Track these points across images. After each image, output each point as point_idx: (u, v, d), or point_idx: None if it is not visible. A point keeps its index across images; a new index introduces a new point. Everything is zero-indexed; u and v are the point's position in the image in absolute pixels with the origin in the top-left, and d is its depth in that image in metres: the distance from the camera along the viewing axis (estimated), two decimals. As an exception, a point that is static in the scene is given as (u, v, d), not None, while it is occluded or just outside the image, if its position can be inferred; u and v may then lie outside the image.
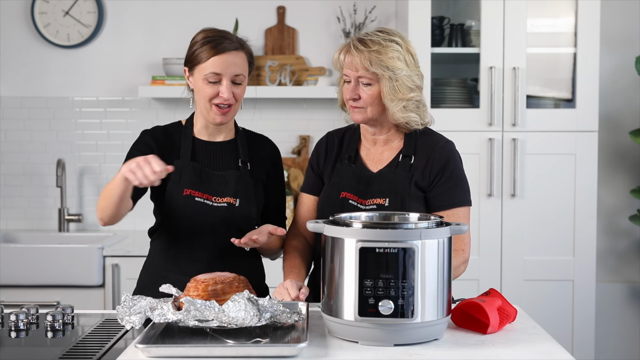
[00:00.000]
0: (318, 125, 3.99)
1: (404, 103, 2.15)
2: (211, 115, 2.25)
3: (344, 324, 1.77)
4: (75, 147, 4.03)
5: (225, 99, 2.21)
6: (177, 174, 2.26)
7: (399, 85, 2.13)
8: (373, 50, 2.12)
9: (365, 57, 2.12)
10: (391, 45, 2.13)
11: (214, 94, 2.22)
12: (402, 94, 2.14)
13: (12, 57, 4.02)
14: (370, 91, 2.15)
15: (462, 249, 2.18)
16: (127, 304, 1.86)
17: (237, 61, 2.23)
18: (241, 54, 2.25)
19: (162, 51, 4.00)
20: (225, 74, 2.21)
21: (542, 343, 1.81)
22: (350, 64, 2.15)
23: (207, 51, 2.21)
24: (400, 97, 2.14)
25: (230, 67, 2.21)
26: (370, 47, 2.12)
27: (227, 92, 2.21)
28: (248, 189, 2.28)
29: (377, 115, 2.19)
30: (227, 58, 2.21)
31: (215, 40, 2.22)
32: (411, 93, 2.15)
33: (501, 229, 3.52)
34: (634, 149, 3.97)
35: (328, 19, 4.00)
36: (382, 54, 2.11)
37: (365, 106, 2.17)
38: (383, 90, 2.14)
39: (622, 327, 4.00)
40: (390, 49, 2.12)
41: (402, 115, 2.17)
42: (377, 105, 2.17)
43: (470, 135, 3.51)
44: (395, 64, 2.12)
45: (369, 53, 2.12)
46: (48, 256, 3.45)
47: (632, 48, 3.93)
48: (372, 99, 2.16)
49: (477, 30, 3.59)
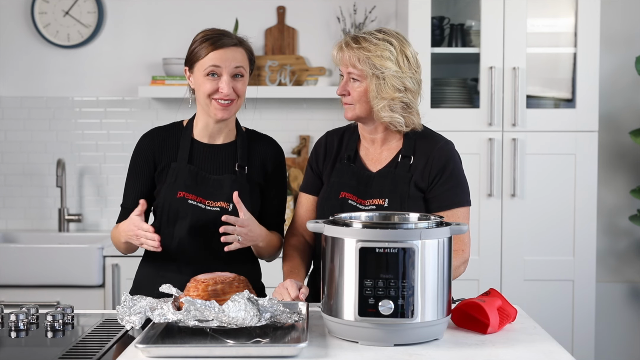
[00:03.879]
0: (318, 125, 3.99)
1: (388, 102, 2.15)
2: (212, 110, 2.25)
3: (344, 324, 1.77)
4: (75, 147, 4.03)
5: (225, 94, 2.21)
6: (173, 176, 2.27)
7: (384, 84, 2.14)
8: (362, 48, 2.14)
9: (354, 54, 2.14)
10: (383, 44, 2.14)
11: (214, 89, 2.22)
12: (387, 93, 2.14)
13: (12, 57, 4.02)
14: (359, 88, 2.17)
15: (462, 249, 2.18)
16: (127, 304, 1.86)
17: (237, 56, 2.23)
18: (240, 49, 2.25)
19: (162, 51, 4.00)
20: (225, 68, 2.21)
21: (542, 343, 1.81)
22: (341, 60, 2.19)
23: (205, 47, 2.22)
24: (383, 96, 2.15)
25: (229, 61, 2.21)
26: (361, 44, 2.14)
27: (227, 87, 2.21)
28: (243, 193, 2.26)
29: (365, 113, 2.20)
30: (226, 52, 2.22)
31: (214, 37, 2.23)
32: (397, 94, 2.14)
33: (501, 229, 3.53)
34: (634, 149, 3.97)
35: (328, 19, 4.01)
36: (370, 52, 2.13)
37: (353, 103, 2.19)
38: (369, 87, 2.15)
39: (622, 327, 4.00)
40: (380, 47, 2.13)
41: (386, 115, 2.17)
42: (365, 103, 2.18)
43: (470, 135, 3.51)
44: (383, 63, 2.12)
45: (357, 50, 2.14)
46: (48, 256, 3.45)
47: (632, 48, 3.93)
48: (360, 95, 2.17)
49: (477, 30, 3.59)
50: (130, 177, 2.33)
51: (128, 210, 2.30)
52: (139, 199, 2.25)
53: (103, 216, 4.04)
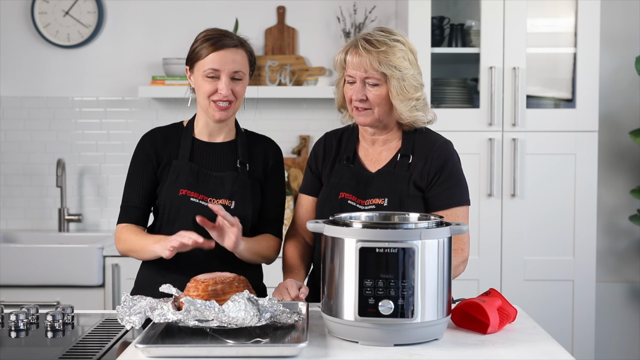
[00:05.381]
0: (318, 125, 3.99)
1: (413, 103, 2.16)
2: (210, 111, 2.25)
3: (344, 324, 1.77)
4: (75, 147, 4.03)
5: (223, 96, 2.22)
6: (174, 173, 2.27)
7: (407, 85, 2.14)
8: (381, 51, 2.11)
9: (374, 58, 2.11)
10: (397, 45, 2.14)
11: (213, 91, 2.22)
12: (411, 93, 2.15)
13: (12, 57, 4.02)
14: (378, 92, 2.15)
15: (462, 249, 2.18)
16: (127, 304, 1.86)
17: (236, 58, 2.23)
18: (241, 51, 2.25)
19: (162, 51, 4.00)
20: (224, 70, 2.21)
21: (542, 343, 1.82)
22: (358, 65, 2.14)
23: (206, 48, 2.22)
24: (409, 97, 2.15)
25: (228, 64, 2.22)
26: (378, 47, 2.12)
27: (225, 89, 2.21)
28: (245, 190, 2.28)
29: (383, 116, 2.19)
30: (226, 54, 2.22)
31: (215, 38, 2.23)
32: (418, 92, 2.17)
33: (501, 229, 3.52)
34: (634, 149, 3.97)
35: (328, 19, 4.01)
36: (389, 54, 2.12)
37: (372, 107, 2.17)
38: (392, 90, 2.14)
39: (622, 327, 4.00)
40: (396, 49, 2.13)
41: (410, 115, 2.18)
42: (385, 106, 2.17)
43: (470, 135, 3.51)
44: (402, 64, 2.13)
45: (377, 53, 2.11)
46: (48, 256, 3.45)
47: (632, 48, 3.93)
48: (380, 99, 2.16)
49: (477, 30, 3.59)
50: (132, 175, 2.33)
51: (132, 208, 2.30)
52: (142, 196, 2.28)
53: (103, 216, 4.04)
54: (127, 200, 2.32)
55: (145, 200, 2.30)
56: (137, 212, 2.30)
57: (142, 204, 2.30)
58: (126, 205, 2.32)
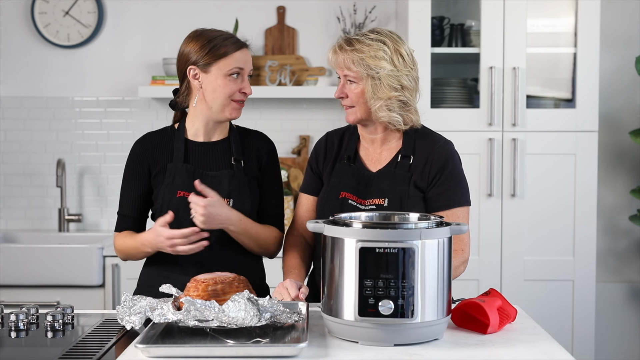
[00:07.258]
0: (318, 125, 3.99)
1: (385, 102, 2.16)
2: (227, 111, 2.27)
3: (344, 324, 1.77)
4: (75, 147, 4.03)
5: (249, 94, 2.29)
6: (170, 176, 2.27)
7: (380, 84, 2.15)
8: (355, 50, 2.15)
9: (348, 57, 2.16)
10: (376, 44, 2.15)
11: (236, 90, 2.26)
12: (383, 93, 2.15)
13: (12, 57, 4.02)
14: (356, 90, 2.18)
15: (462, 249, 2.18)
16: (127, 304, 1.86)
17: (250, 58, 2.31)
18: (249, 51, 2.32)
19: (162, 51, 4.00)
20: (246, 69, 2.28)
21: (542, 343, 1.82)
22: (336, 63, 2.20)
23: (230, 46, 2.24)
24: (380, 96, 2.15)
25: (248, 63, 2.29)
26: (354, 46, 2.15)
27: (249, 88, 2.29)
28: (242, 187, 2.28)
29: (365, 115, 2.21)
30: (247, 53, 2.29)
31: (232, 37, 2.28)
32: (393, 92, 2.15)
33: (501, 229, 3.52)
34: (634, 149, 3.97)
35: (328, 19, 4.01)
36: (364, 53, 2.14)
37: (352, 104, 2.20)
38: (365, 88, 2.16)
39: (622, 327, 4.00)
40: (373, 48, 2.14)
41: (384, 114, 2.18)
42: (363, 104, 2.19)
43: (470, 135, 3.51)
44: (377, 63, 2.13)
45: (351, 52, 2.15)
46: (48, 256, 3.45)
47: (632, 48, 3.93)
48: (357, 97, 2.18)
49: (477, 30, 3.59)
50: (125, 183, 2.34)
51: (126, 217, 2.32)
52: (134, 205, 2.30)
53: (103, 216, 4.04)
54: (122, 209, 2.35)
55: (139, 209, 2.33)
56: (131, 221, 2.34)
57: (136, 213, 2.33)
58: (121, 214, 2.35)
